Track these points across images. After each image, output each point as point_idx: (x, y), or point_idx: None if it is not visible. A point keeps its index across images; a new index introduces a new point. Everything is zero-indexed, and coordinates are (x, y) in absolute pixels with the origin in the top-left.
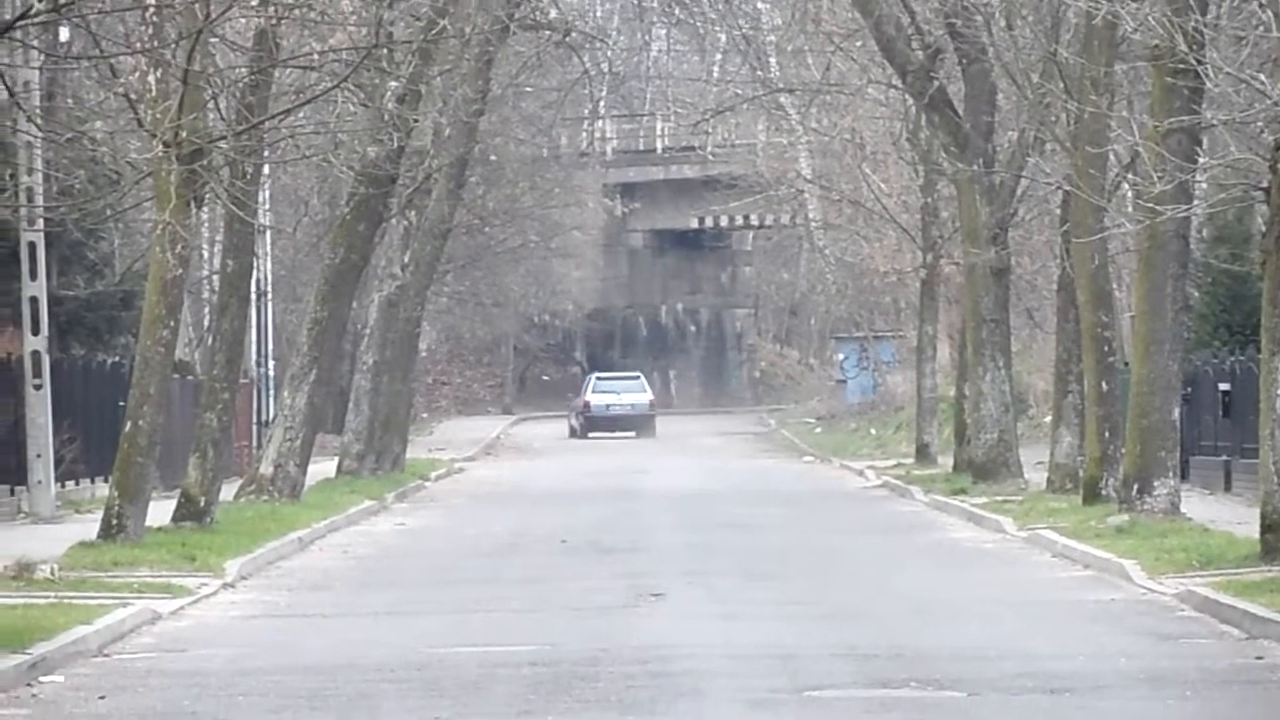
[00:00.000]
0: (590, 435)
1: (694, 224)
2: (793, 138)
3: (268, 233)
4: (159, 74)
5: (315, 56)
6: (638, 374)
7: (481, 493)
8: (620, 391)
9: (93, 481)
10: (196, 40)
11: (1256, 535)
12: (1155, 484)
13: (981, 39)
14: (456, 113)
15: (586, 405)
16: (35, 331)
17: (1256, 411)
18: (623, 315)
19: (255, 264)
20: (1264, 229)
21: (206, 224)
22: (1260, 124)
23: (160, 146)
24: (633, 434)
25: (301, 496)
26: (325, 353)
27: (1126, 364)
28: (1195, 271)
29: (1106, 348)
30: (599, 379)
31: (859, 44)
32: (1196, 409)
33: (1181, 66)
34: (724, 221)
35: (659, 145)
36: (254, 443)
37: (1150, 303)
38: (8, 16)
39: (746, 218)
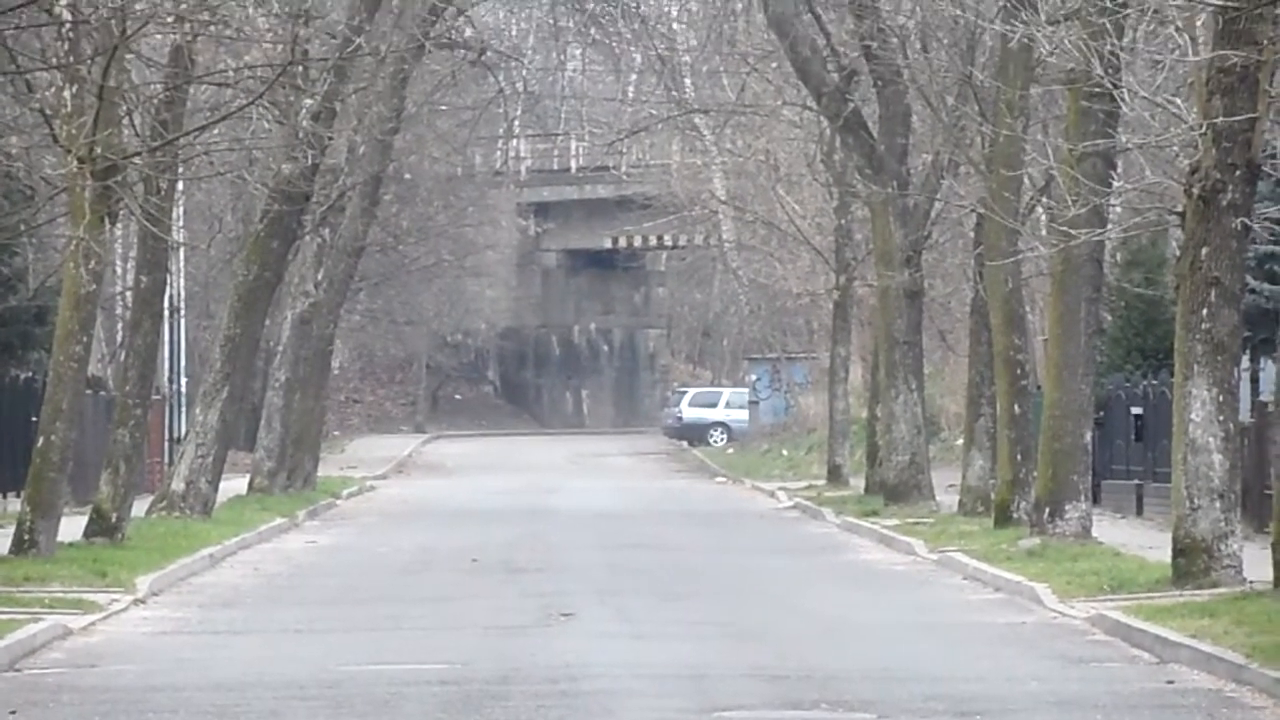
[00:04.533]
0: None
1: (608, 244)
2: (707, 158)
3: (181, 249)
4: (74, 89)
5: (230, 73)
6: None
7: (393, 511)
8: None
9: (4, 496)
10: (112, 56)
11: (1168, 559)
12: (1067, 507)
13: (897, 61)
14: (371, 130)
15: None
16: None
17: (1169, 436)
18: (536, 334)
19: (169, 280)
20: (1178, 253)
21: (120, 240)
22: (1175, 148)
23: (75, 162)
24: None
25: (213, 513)
26: (238, 369)
27: (1039, 387)
28: (1109, 295)
29: (1019, 371)
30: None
31: (774, 65)
32: (1109, 433)
33: (1097, 90)
34: (638, 242)
35: (573, 165)
36: (166, 459)
37: (1063, 326)
38: None
39: (660, 238)
